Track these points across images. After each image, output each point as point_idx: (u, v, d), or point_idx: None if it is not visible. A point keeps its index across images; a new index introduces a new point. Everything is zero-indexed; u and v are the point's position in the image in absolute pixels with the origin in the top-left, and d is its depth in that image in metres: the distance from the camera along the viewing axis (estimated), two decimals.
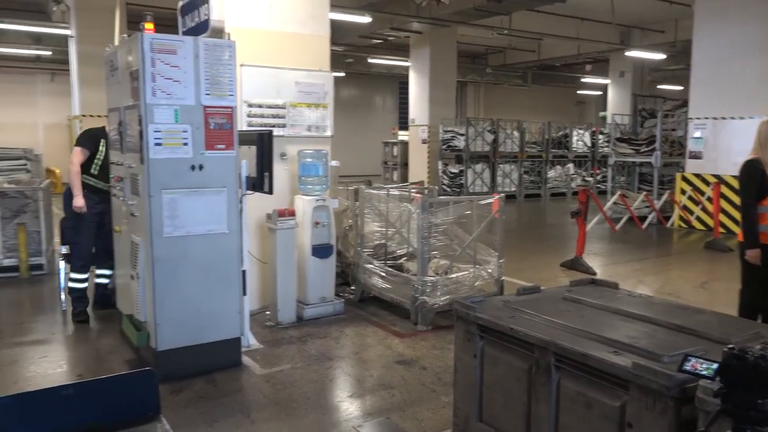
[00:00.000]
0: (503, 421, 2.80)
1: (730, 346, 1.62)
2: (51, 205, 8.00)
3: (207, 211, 4.31)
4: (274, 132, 5.22)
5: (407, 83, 18.44)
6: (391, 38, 17.88)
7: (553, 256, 8.67)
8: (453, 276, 5.66)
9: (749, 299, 4.34)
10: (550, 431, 2.53)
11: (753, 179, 4.25)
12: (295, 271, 5.53)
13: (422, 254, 5.46)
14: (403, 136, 19.64)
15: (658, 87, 24.22)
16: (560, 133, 19.21)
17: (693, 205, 11.53)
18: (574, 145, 19.26)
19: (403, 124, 21.61)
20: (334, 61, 6.80)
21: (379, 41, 18.46)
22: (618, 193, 12.23)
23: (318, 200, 5.65)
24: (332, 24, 6.33)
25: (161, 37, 4.10)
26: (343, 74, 21.13)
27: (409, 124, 18.33)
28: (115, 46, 4.96)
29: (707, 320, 2.71)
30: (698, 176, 11.53)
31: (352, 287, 6.43)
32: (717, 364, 1.62)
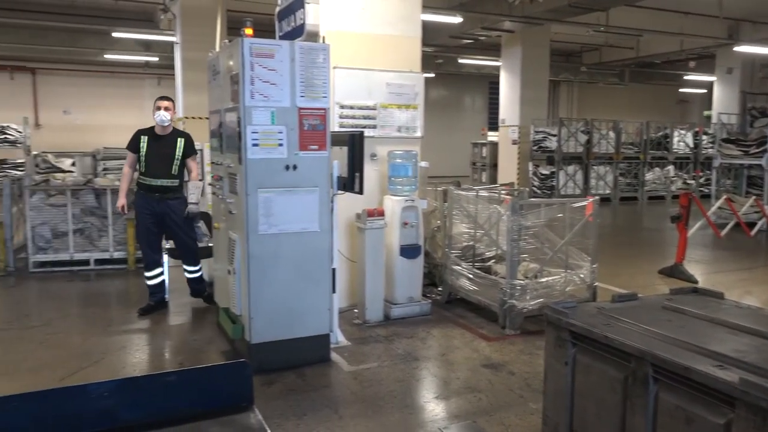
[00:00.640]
0: (595, 431, 2.70)
1: None
2: None
3: (300, 210, 4.44)
4: (365, 133, 5.30)
5: (497, 83, 18.16)
6: (481, 38, 17.65)
7: (649, 263, 8.28)
8: (543, 280, 5.53)
9: None
10: None
11: None
12: (383, 270, 5.59)
13: (511, 257, 5.37)
14: (492, 136, 19.35)
15: None
16: (660, 134, 18.28)
17: None
18: (675, 146, 18.26)
19: (493, 125, 21.29)
20: (425, 62, 6.79)
21: (469, 41, 18.29)
22: (724, 197, 11.48)
23: (407, 201, 5.68)
24: (423, 25, 6.34)
25: (260, 41, 4.26)
26: (432, 75, 21.11)
27: (499, 125, 18.03)
28: (216, 51, 5.21)
29: None
30: None
31: (439, 288, 6.42)
32: None
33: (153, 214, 5.74)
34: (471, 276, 5.91)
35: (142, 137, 5.75)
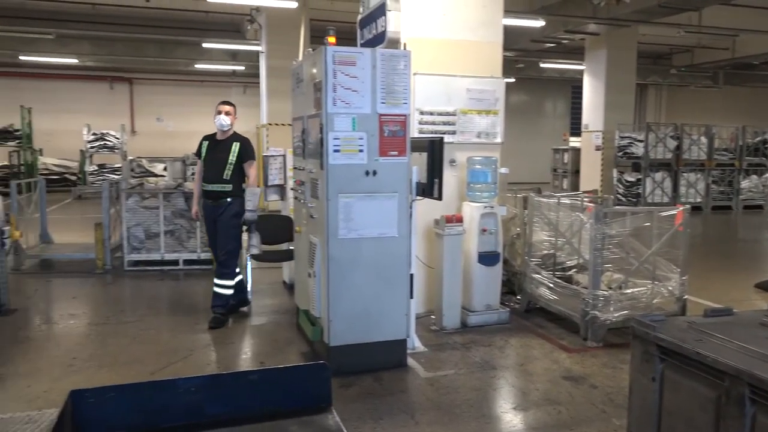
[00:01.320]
0: None
1: None
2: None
3: (379, 215, 4.48)
4: (445, 139, 5.28)
5: (580, 87, 17.68)
6: (564, 41, 17.26)
7: (745, 276, 7.80)
8: (628, 291, 5.32)
9: None
10: None
11: None
12: (460, 277, 5.55)
13: (594, 267, 5.20)
14: (574, 142, 18.84)
15: None
16: (758, 139, 17.18)
17: None
18: None
19: (575, 130, 20.74)
20: (505, 67, 6.70)
21: (551, 45, 17.90)
22: None
23: (486, 207, 5.62)
24: (504, 29, 6.26)
25: (342, 49, 4.34)
26: (513, 80, 20.81)
27: (582, 130, 17.54)
28: (300, 59, 5.35)
29: None
30: None
31: (518, 296, 6.30)
32: None
33: (210, 220, 5.76)
34: (551, 285, 5.77)
35: (204, 143, 5.80)
